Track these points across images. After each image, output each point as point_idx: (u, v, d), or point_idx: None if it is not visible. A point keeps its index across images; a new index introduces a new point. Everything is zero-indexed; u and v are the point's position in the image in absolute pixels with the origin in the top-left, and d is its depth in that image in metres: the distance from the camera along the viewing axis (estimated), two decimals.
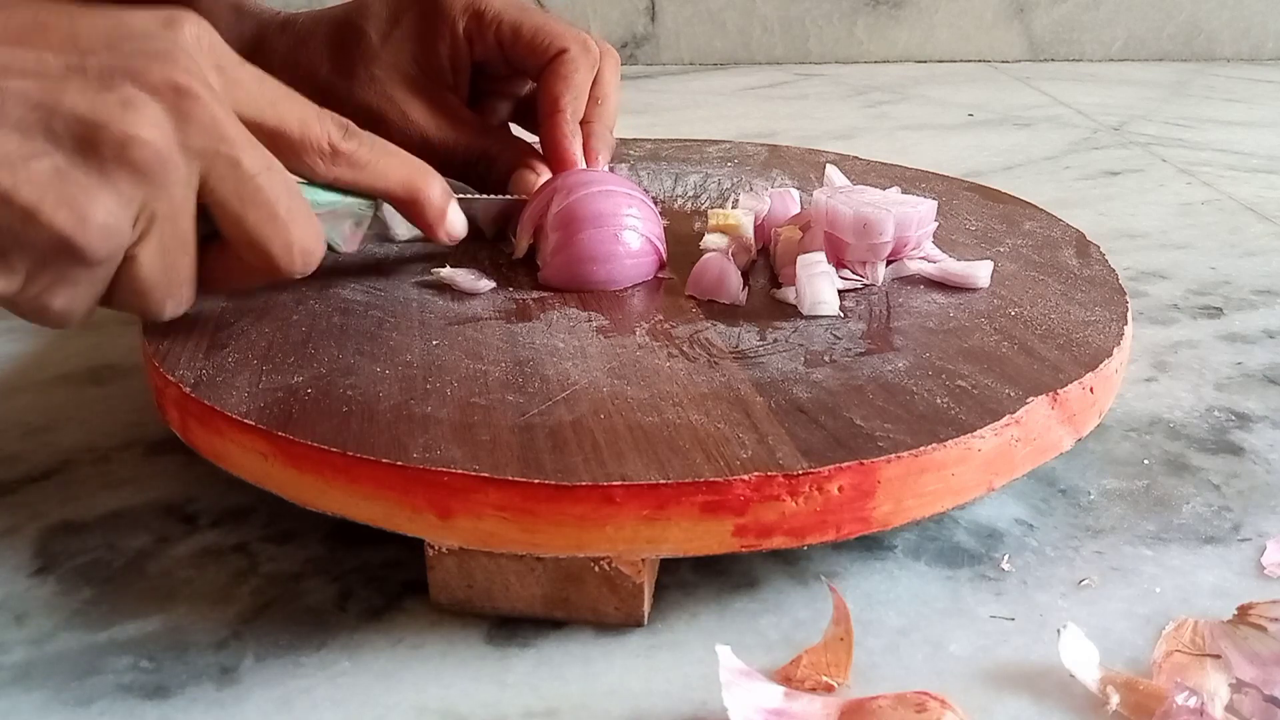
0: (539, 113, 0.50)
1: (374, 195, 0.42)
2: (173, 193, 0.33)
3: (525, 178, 0.49)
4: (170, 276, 0.35)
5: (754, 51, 1.35)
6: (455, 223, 0.43)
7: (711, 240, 0.47)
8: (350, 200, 0.41)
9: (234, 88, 0.36)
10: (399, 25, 0.51)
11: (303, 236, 0.37)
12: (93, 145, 0.32)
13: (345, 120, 0.40)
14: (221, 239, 0.36)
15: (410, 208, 0.42)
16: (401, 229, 0.49)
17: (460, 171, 0.50)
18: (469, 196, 0.47)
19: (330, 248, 0.41)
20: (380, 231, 0.48)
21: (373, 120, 0.49)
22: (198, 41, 0.35)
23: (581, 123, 0.50)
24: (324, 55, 0.51)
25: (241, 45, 0.46)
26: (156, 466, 0.42)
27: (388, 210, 0.43)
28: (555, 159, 0.49)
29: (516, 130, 0.56)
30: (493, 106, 0.56)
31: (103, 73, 0.32)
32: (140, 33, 0.34)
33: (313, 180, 0.39)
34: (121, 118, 0.32)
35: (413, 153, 0.42)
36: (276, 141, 0.37)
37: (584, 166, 0.49)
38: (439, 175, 0.43)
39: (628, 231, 0.44)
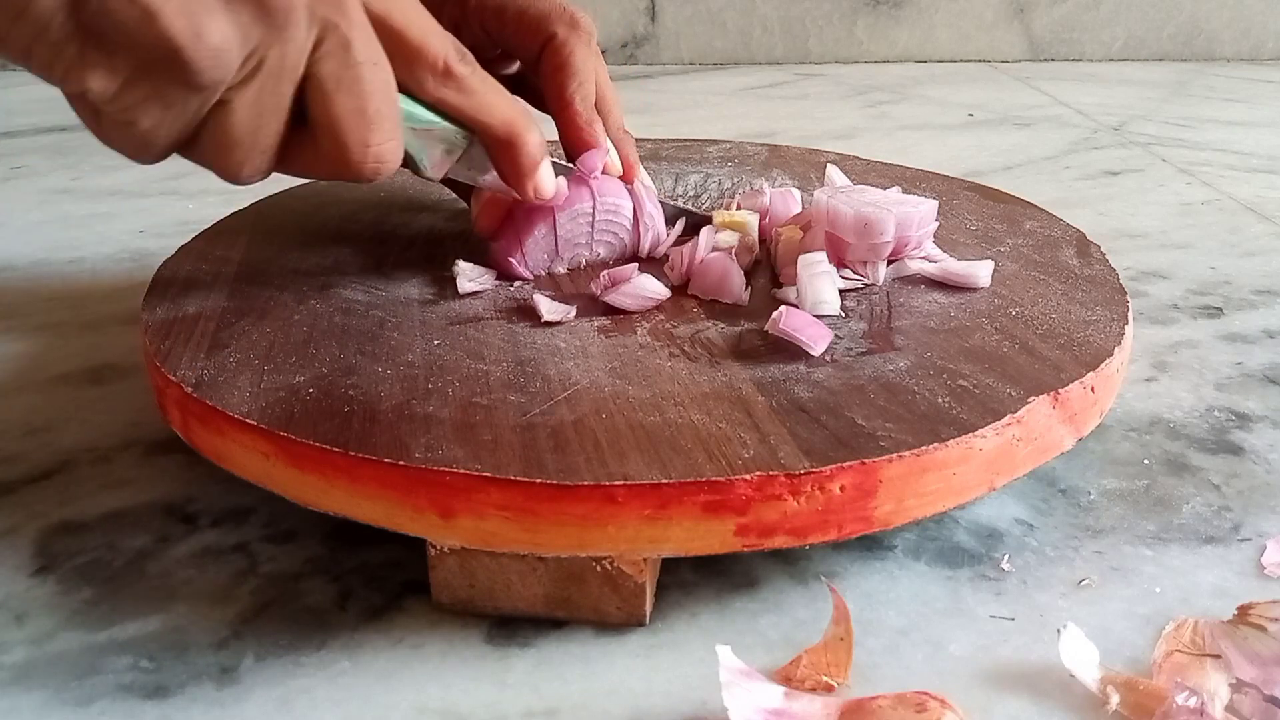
0: (549, 106, 0.47)
1: (473, 128, 0.41)
2: (286, 47, 0.33)
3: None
4: (257, 136, 0.35)
5: (754, 51, 1.35)
6: (545, 180, 0.42)
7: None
8: (449, 126, 0.41)
9: None
10: None
11: (381, 142, 0.36)
12: None
13: (464, 48, 0.39)
14: (308, 124, 0.36)
15: (505, 150, 0.41)
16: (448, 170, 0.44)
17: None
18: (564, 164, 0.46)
19: (415, 168, 0.41)
20: (459, 173, 0.43)
21: None
22: None
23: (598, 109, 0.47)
24: None
25: None
26: (156, 466, 0.42)
27: (475, 153, 0.42)
28: (579, 149, 0.46)
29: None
30: None
31: None
32: None
33: (419, 98, 0.39)
34: None
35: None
36: (395, 44, 0.37)
37: (607, 148, 0.46)
38: (540, 128, 0.42)
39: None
